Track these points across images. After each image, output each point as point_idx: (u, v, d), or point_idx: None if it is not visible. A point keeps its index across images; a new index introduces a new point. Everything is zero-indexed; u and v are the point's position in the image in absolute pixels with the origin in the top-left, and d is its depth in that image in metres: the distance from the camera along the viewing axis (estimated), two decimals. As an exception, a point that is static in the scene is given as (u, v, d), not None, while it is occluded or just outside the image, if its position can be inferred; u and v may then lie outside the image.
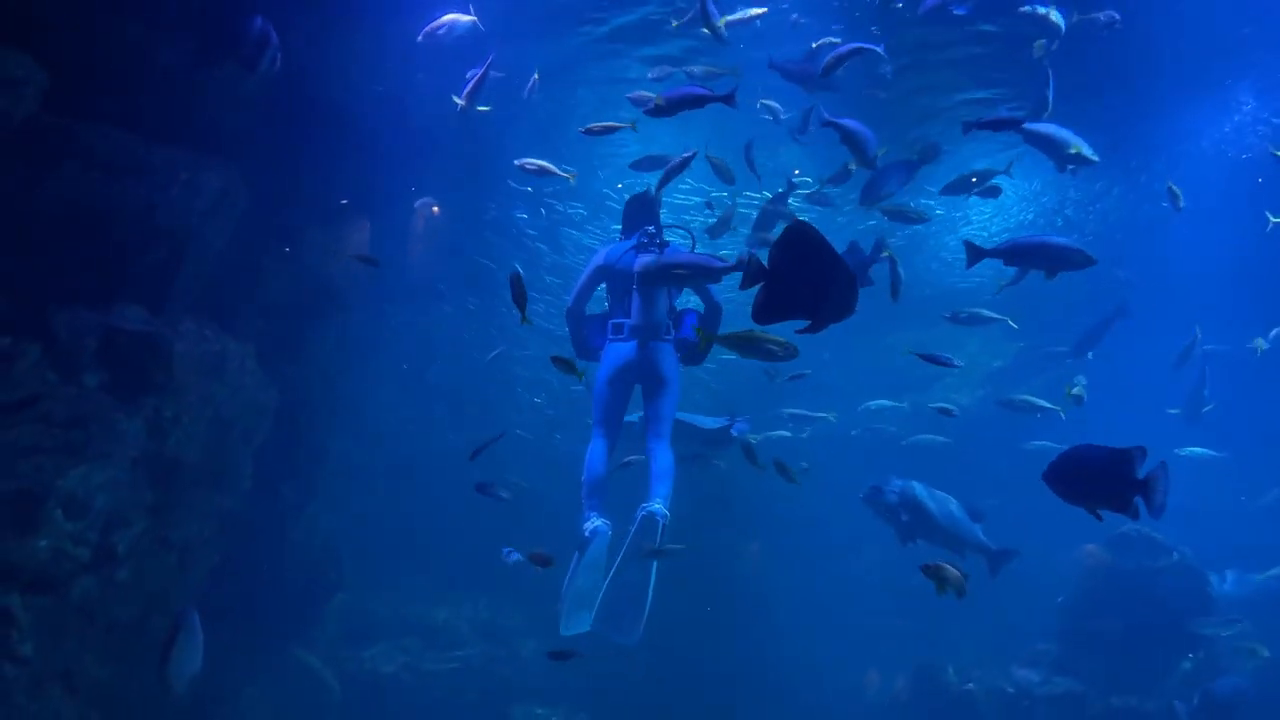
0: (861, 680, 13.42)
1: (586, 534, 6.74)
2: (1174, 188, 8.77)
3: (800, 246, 3.99)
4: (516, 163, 8.25)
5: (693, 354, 7.61)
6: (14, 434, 6.07)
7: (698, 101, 6.07)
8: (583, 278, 7.69)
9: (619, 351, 7.38)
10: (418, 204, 11.51)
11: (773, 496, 15.31)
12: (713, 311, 7.70)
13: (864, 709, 12.68)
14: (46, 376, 6.45)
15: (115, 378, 6.93)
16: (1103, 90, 9.64)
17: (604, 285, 7.68)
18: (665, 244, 7.50)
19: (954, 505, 8.36)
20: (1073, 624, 11.11)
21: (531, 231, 13.18)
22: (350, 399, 10.86)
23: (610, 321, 7.52)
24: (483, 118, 8.56)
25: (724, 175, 8.49)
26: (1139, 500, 4.10)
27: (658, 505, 6.79)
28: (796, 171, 10.80)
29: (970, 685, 11.27)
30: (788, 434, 12.74)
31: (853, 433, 14.91)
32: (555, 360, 6.11)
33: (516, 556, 6.66)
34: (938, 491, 8.40)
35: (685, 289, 7.83)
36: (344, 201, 10.05)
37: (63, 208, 6.84)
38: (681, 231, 8.34)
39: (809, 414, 12.22)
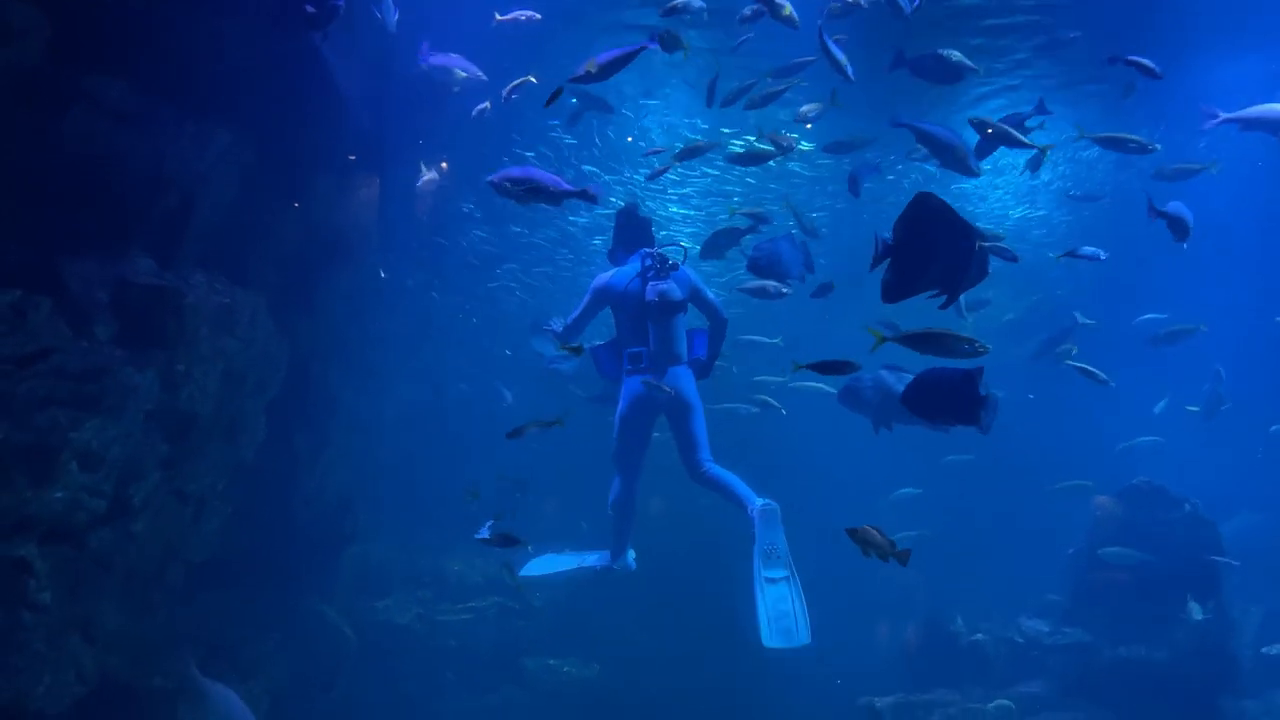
0: (872, 631, 13.53)
1: (623, 565, 7.23)
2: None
3: (927, 217, 3.85)
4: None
5: (703, 371, 7.56)
6: (27, 386, 6.08)
7: (627, 59, 6.02)
8: (582, 305, 7.46)
9: (645, 384, 7.21)
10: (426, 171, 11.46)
11: (786, 448, 15.38)
12: (720, 327, 7.63)
13: (873, 660, 12.78)
14: (59, 329, 6.44)
15: (127, 331, 6.94)
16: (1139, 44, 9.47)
17: (609, 311, 7.53)
18: (674, 266, 7.34)
19: None
20: (1083, 575, 11.14)
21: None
22: (360, 350, 10.87)
23: (627, 352, 7.29)
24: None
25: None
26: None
27: (762, 501, 6.87)
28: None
29: (979, 635, 11.33)
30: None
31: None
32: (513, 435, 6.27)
33: (484, 534, 6.74)
34: (905, 374, 8.27)
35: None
36: (351, 157, 10.00)
37: (70, 158, 6.80)
38: (676, 249, 7.93)
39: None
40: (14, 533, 6.05)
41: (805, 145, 11.95)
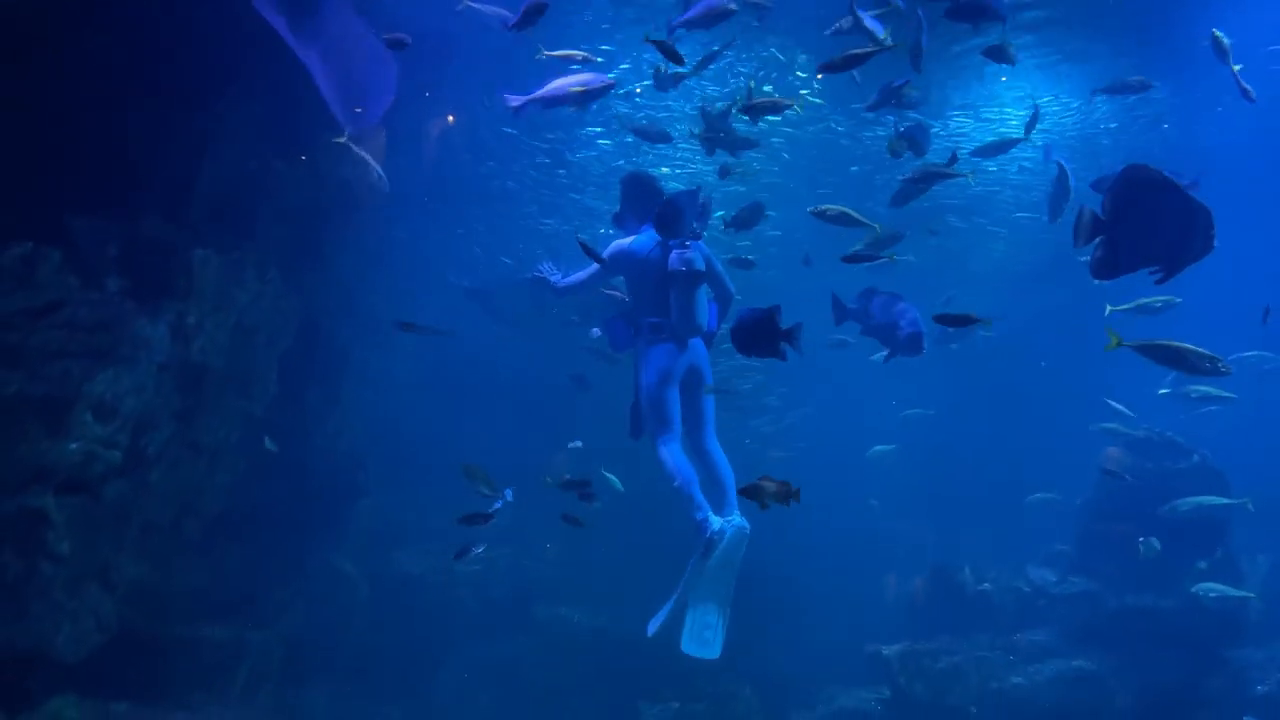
0: (880, 583, 13.64)
1: (713, 532, 6.61)
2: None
3: (1144, 188, 3.71)
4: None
5: (708, 343, 7.49)
6: (40, 338, 6.14)
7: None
8: (591, 270, 7.27)
9: (669, 354, 7.05)
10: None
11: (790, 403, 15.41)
12: (726, 300, 7.54)
13: (882, 610, 12.90)
14: (68, 281, 6.48)
15: (136, 284, 6.97)
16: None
17: (622, 279, 7.36)
18: (696, 236, 7.11)
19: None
20: (1091, 525, 11.18)
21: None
22: (370, 304, 10.89)
23: (646, 321, 7.09)
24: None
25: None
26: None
27: (739, 518, 6.77)
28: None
29: (986, 585, 11.41)
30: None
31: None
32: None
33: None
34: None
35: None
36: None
37: (77, 113, 6.78)
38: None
39: None
40: (31, 483, 6.14)
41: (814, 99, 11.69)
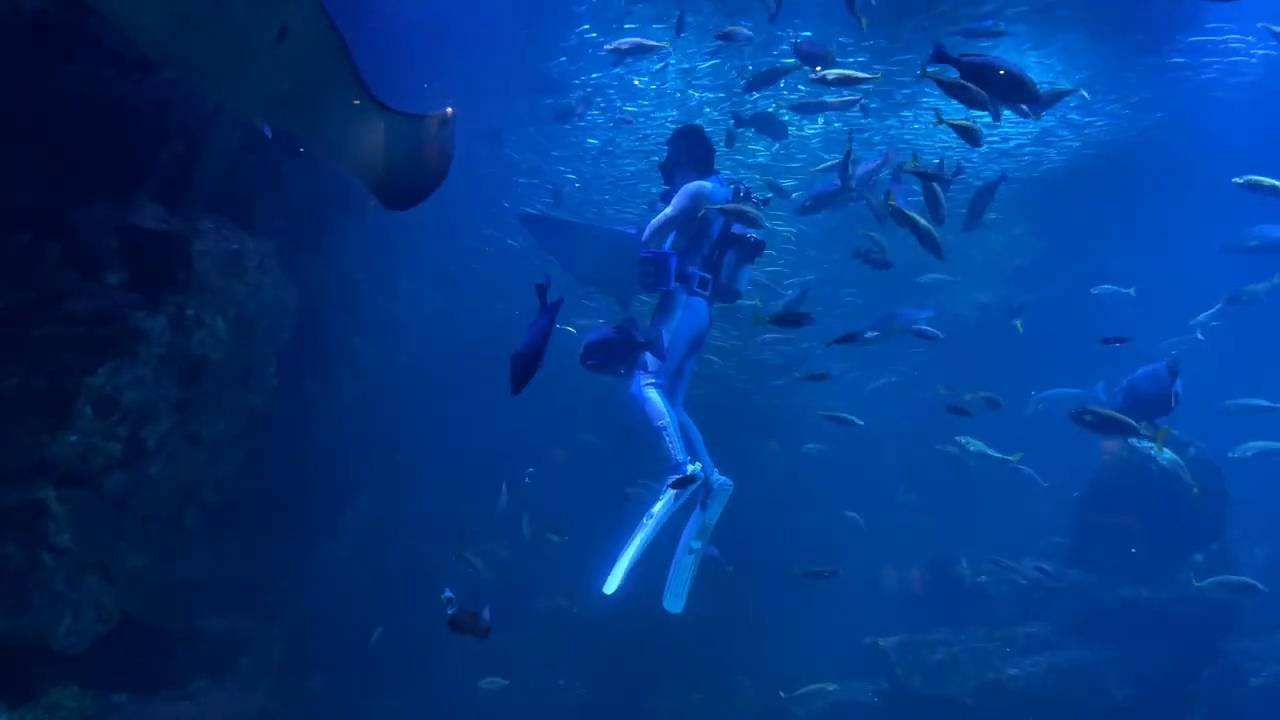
0: (878, 574, 13.68)
1: (684, 474, 6.38)
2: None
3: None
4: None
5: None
6: (40, 331, 6.15)
7: None
8: (681, 210, 6.82)
9: (705, 313, 6.91)
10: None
11: (791, 395, 15.44)
12: None
13: (880, 601, 12.95)
14: (68, 274, 6.49)
15: (136, 276, 6.97)
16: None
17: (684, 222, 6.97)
18: (748, 194, 6.98)
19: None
20: (1087, 518, 11.23)
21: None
22: (371, 297, 10.91)
23: (694, 272, 6.80)
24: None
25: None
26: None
27: (723, 478, 6.78)
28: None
29: (983, 578, 11.47)
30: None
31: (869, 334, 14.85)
32: None
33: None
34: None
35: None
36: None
37: (76, 102, 6.77)
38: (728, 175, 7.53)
39: None
40: (32, 476, 6.17)
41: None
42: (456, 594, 4.72)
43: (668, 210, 6.92)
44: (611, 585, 6.54)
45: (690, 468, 6.46)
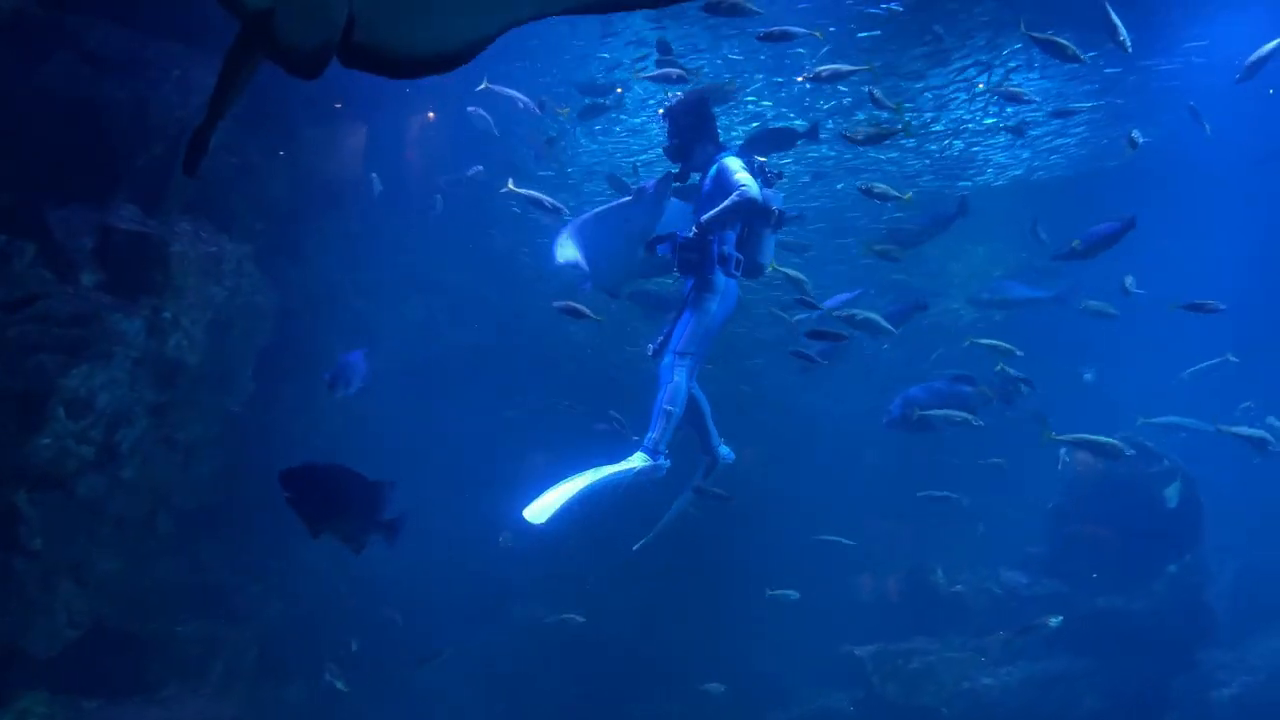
0: (855, 582, 13.70)
1: (655, 462, 6.33)
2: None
3: None
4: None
5: None
6: (14, 332, 6.09)
7: None
8: (738, 212, 6.39)
9: (736, 294, 6.82)
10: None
11: (769, 403, 15.46)
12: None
13: (856, 610, 12.97)
14: (43, 275, 6.44)
15: (113, 278, 6.93)
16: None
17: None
18: (761, 168, 6.70)
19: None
20: (1063, 528, 11.29)
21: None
22: (351, 301, 10.86)
23: (731, 254, 6.61)
24: None
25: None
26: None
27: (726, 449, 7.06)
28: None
29: (959, 587, 11.52)
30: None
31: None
32: None
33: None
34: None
35: None
36: (338, 105, 9.91)
37: (54, 103, 6.73)
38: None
39: None
40: (4, 479, 6.11)
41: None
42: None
43: (725, 204, 6.40)
44: (535, 515, 6.12)
45: (664, 464, 6.46)
